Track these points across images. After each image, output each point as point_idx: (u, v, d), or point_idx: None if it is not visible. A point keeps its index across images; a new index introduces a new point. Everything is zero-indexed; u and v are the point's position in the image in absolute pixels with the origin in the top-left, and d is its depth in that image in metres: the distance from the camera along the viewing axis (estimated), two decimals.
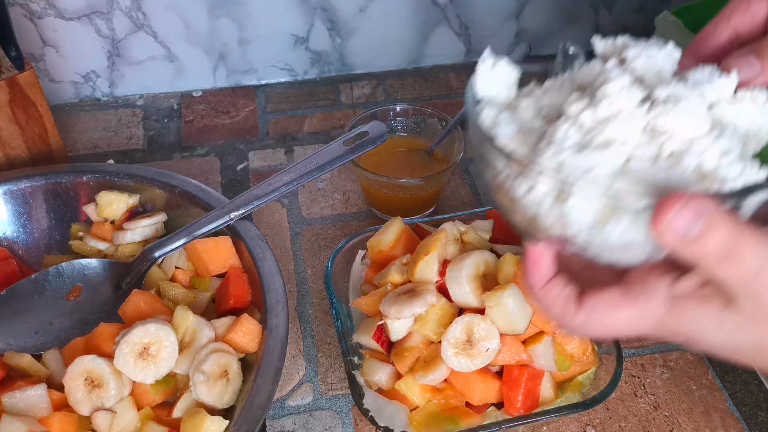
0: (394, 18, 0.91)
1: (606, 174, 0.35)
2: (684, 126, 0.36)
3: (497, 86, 0.45)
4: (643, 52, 0.40)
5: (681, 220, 0.32)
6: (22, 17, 0.82)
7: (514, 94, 0.44)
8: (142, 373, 0.51)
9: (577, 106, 0.37)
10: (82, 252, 0.65)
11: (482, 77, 0.44)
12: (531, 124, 0.40)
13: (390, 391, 0.55)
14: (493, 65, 0.45)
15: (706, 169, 0.36)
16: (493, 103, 0.43)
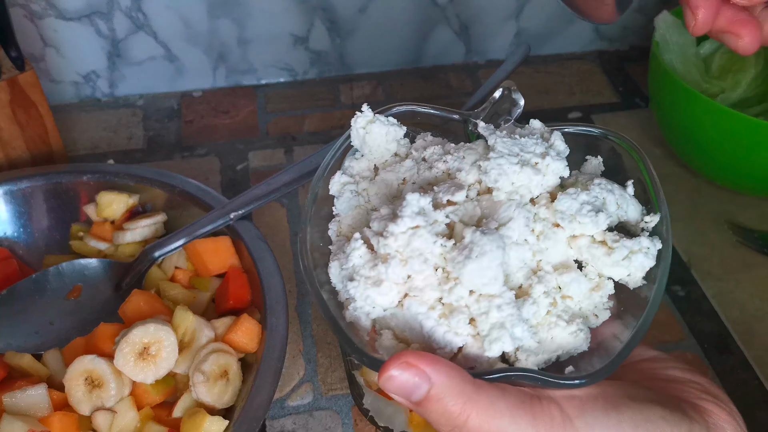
0: (394, 18, 0.92)
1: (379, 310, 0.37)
2: (473, 283, 0.35)
3: (370, 145, 0.45)
4: (495, 165, 0.39)
5: (400, 379, 0.33)
6: (22, 18, 0.82)
7: (389, 155, 0.45)
8: (142, 373, 0.51)
9: (377, 225, 0.38)
10: (82, 252, 0.65)
11: (355, 134, 0.45)
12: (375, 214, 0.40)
13: None
14: (365, 125, 0.45)
15: (481, 328, 0.35)
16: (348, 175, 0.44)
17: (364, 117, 0.45)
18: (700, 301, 0.68)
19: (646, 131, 0.87)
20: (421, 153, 0.44)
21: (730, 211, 0.76)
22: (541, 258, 0.39)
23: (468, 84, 0.95)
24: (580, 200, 0.39)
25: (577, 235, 0.39)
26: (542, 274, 0.38)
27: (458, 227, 0.38)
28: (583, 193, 0.39)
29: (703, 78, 0.78)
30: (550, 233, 0.39)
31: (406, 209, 0.37)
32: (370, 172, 0.45)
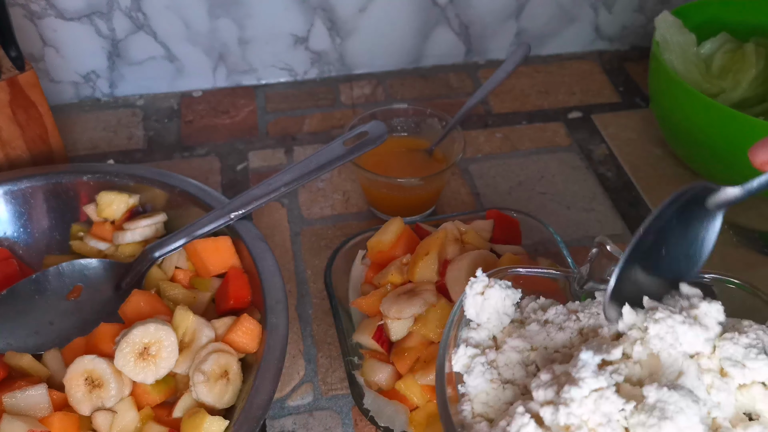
0: (394, 18, 0.92)
1: None
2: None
3: (488, 312, 0.42)
4: (667, 325, 0.36)
5: None
6: (22, 17, 0.82)
7: (507, 321, 0.42)
8: (142, 373, 0.51)
9: (541, 394, 0.35)
10: (82, 252, 0.65)
11: (471, 302, 0.42)
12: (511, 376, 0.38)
13: (390, 391, 0.55)
14: (482, 290, 0.42)
15: None
16: (474, 340, 0.42)
17: (480, 282, 0.42)
18: None
19: (646, 131, 0.87)
20: (540, 315, 0.42)
21: (729, 211, 0.76)
22: (716, 414, 0.36)
23: (468, 84, 0.95)
24: (743, 343, 0.37)
25: (748, 384, 0.36)
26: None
27: (625, 387, 0.35)
28: (742, 336, 0.37)
29: (703, 78, 0.78)
30: (720, 384, 0.36)
31: (584, 371, 0.34)
32: (491, 342, 0.42)
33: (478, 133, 0.88)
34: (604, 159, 0.84)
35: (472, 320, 0.43)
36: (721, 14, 0.82)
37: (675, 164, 0.82)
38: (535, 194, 0.79)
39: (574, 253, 0.72)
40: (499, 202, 0.78)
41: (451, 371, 0.41)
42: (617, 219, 0.76)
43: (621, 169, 0.83)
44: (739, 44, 0.80)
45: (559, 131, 0.88)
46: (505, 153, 0.85)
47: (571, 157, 0.84)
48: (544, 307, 0.43)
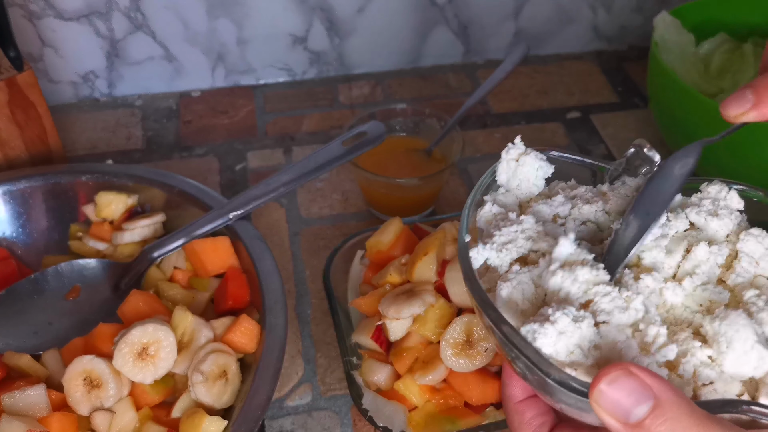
0: (393, 18, 0.92)
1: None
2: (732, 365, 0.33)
3: (519, 178, 0.43)
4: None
5: (617, 393, 0.27)
6: (21, 18, 0.82)
7: (536, 191, 0.43)
8: (141, 373, 0.51)
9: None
10: (81, 252, 0.65)
11: (505, 167, 0.43)
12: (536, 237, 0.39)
13: (389, 391, 0.55)
14: (517, 156, 0.43)
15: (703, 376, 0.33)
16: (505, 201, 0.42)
17: (516, 149, 0.43)
18: None
19: (645, 131, 0.87)
20: (569, 192, 0.43)
21: None
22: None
23: (467, 84, 0.95)
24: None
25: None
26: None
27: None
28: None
29: (702, 78, 0.78)
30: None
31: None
32: (517, 208, 0.43)
33: (477, 133, 0.88)
34: (603, 159, 0.84)
35: (502, 185, 0.43)
36: (720, 14, 0.82)
37: None
38: None
39: None
40: None
41: (474, 224, 0.41)
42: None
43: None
44: (737, 44, 0.80)
45: (557, 131, 0.88)
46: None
47: None
48: (573, 187, 0.44)
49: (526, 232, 0.39)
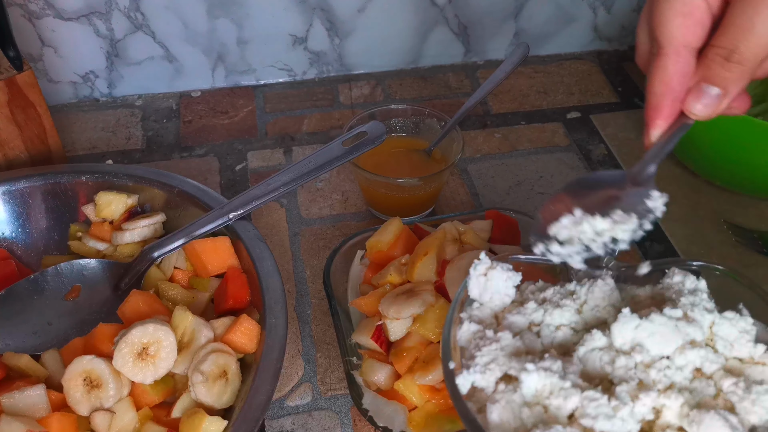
0: (393, 18, 0.92)
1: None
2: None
3: (490, 292, 0.45)
4: None
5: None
6: (20, 17, 0.82)
7: (508, 301, 0.45)
8: (141, 374, 0.51)
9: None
10: (80, 252, 0.65)
11: (475, 282, 0.45)
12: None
13: (389, 391, 0.55)
14: (485, 271, 0.45)
15: None
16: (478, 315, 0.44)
17: (483, 264, 0.45)
18: None
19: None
20: (538, 295, 0.45)
21: (728, 212, 0.76)
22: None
23: (467, 84, 0.95)
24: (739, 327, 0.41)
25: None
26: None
27: None
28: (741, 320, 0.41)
29: None
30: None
31: None
32: (493, 320, 0.45)
33: (477, 134, 0.88)
34: (603, 159, 0.84)
35: (476, 300, 0.45)
36: None
37: (673, 164, 0.82)
38: (533, 194, 0.79)
39: None
40: (498, 203, 0.78)
41: (456, 345, 0.43)
42: None
43: (620, 169, 0.83)
44: None
45: (557, 131, 0.88)
46: (503, 153, 0.85)
47: (570, 157, 0.84)
48: (542, 289, 0.46)
49: (506, 350, 0.41)
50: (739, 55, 0.37)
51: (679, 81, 0.40)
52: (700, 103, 0.40)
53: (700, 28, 0.39)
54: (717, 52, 0.38)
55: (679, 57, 0.39)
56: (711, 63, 0.39)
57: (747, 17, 0.36)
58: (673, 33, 0.39)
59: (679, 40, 0.39)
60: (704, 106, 0.40)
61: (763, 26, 0.35)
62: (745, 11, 0.36)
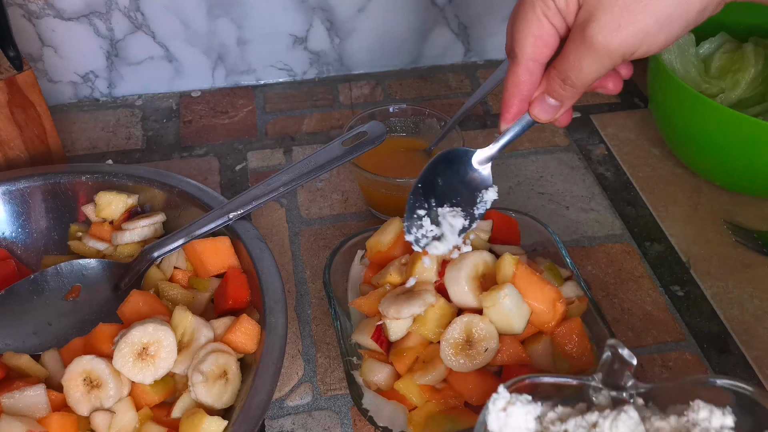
0: (393, 18, 0.91)
1: None
2: None
3: (511, 428, 0.44)
4: None
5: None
6: (20, 17, 0.82)
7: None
8: (141, 374, 0.51)
9: None
10: (80, 252, 0.65)
11: (494, 418, 0.44)
12: None
13: (389, 391, 0.55)
14: (505, 406, 0.44)
15: None
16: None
17: (502, 399, 0.44)
18: (699, 301, 0.68)
19: (645, 131, 0.87)
20: (560, 426, 0.44)
21: (729, 211, 0.76)
22: None
23: (467, 84, 0.95)
24: None
25: None
26: None
27: None
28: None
29: (702, 78, 0.78)
30: None
31: None
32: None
33: (477, 134, 0.88)
34: (603, 159, 0.84)
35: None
36: (720, 14, 0.81)
37: (673, 164, 0.82)
38: (533, 194, 0.79)
39: (573, 253, 0.72)
40: (498, 203, 0.78)
41: None
42: (616, 219, 0.76)
43: (620, 169, 0.83)
44: (737, 44, 0.80)
45: (557, 131, 0.88)
46: (503, 153, 0.85)
47: (570, 157, 0.84)
48: (563, 417, 0.45)
49: None
50: (571, 81, 0.46)
51: (527, 87, 0.49)
52: (542, 110, 0.49)
53: (547, 48, 0.47)
54: (557, 74, 0.47)
55: (528, 68, 0.48)
56: (552, 81, 0.47)
57: (576, 56, 0.44)
58: (525, 49, 0.47)
59: (529, 56, 0.47)
60: (545, 112, 0.49)
61: (587, 67, 0.44)
62: (574, 51, 0.44)
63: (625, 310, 0.67)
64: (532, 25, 0.46)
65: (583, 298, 0.58)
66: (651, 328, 0.65)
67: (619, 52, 0.43)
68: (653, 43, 0.43)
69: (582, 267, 0.71)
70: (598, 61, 0.44)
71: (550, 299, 0.54)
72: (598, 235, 0.74)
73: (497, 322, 0.53)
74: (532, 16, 0.46)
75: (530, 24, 0.46)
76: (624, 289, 0.69)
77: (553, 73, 0.47)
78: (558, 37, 0.46)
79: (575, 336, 0.55)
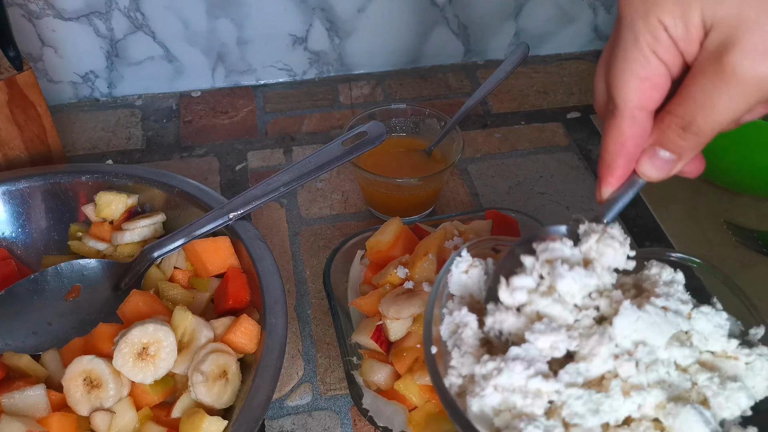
0: (393, 18, 0.92)
1: None
2: None
3: (471, 290, 0.46)
4: None
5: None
6: (20, 17, 0.82)
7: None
8: (141, 374, 0.51)
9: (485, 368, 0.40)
10: (80, 252, 0.65)
11: (456, 279, 0.46)
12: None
13: (389, 391, 0.55)
14: (467, 269, 0.46)
15: None
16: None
17: (465, 262, 0.46)
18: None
19: None
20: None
21: (729, 212, 0.76)
22: None
23: (467, 84, 0.95)
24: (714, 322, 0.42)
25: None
26: None
27: None
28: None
29: None
30: None
31: None
32: (472, 315, 0.45)
33: (477, 134, 0.88)
34: None
35: (455, 294, 0.46)
36: None
37: None
38: (533, 194, 0.79)
39: None
40: (498, 202, 0.78)
41: (438, 335, 0.44)
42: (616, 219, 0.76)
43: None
44: None
45: (557, 131, 0.88)
46: (503, 153, 0.85)
47: (570, 157, 0.84)
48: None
49: (478, 340, 0.42)
50: (696, 127, 0.37)
51: (634, 143, 0.40)
52: (653, 166, 0.40)
53: (657, 92, 0.38)
54: (674, 121, 0.38)
55: (635, 120, 0.39)
56: (667, 129, 0.39)
57: (707, 94, 0.36)
58: (629, 96, 0.39)
59: (635, 104, 0.39)
60: (657, 169, 0.40)
61: (723, 105, 0.35)
62: (704, 87, 0.36)
63: None
64: (636, 65, 0.38)
65: None
66: None
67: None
68: None
69: None
70: (741, 95, 0.35)
71: None
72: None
73: None
74: (636, 53, 0.38)
75: (634, 64, 0.38)
76: None
77: (668, 120, 0.38)
78: (670, 78, 0.38)
79: None
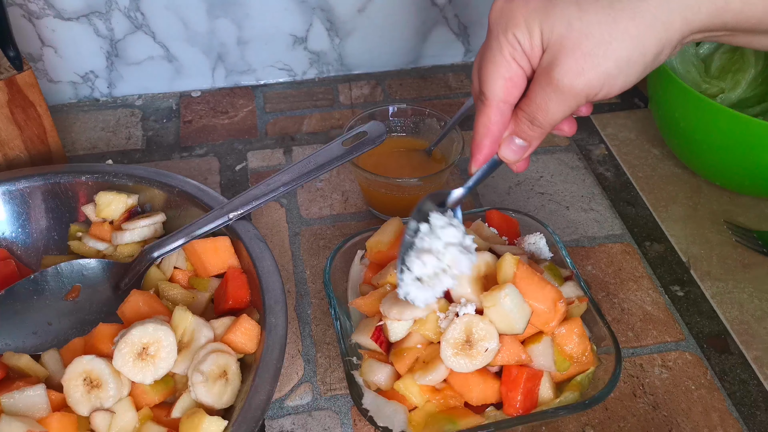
0: (393, 18, 0.92)
1: None
2: None
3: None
4: None
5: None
6: (20, 17, 0.82)
7: None
8: (141, 374, 0.51)
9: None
10: (80, 252, 0.65)
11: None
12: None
13: (389, 391, 0.55)
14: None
15: None
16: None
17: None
18: (699, 301, 0.68)
19: (645, 131, 0.87)
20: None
21: (728, 211, 0.76)
22: None
23: (467, 84, 0.95)
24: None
25: None
26: None
27: None
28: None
29: (702, 78, 0.78)
30: None
31: None
32: None
33: None
34: (603, 159, 0.84)
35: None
36: None
37: (673, 164, 0.82)
38: (534, 194, 0.79)
39: (573, 253, 0.72)
40: (498, 203, 0.78)
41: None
42: (616, 219, 0.76)
43: (620, 169, 0.83)
44: None
45: None
46: None
47: (570, 157, 0.84)
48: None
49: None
50: (538, 122, 0.48)
51: (497, 128, 0.50)
52: (511, 151, 0.51)
53: (516, 89, 0.48)
54: (524, 116, 0.49)
55: (499, 110, 0.49)
56: (519, 122, 0.49)
57: (542, 98, 0.46)
58: (496, 91, 0.48)
59: (500, 98, 0.48)
60: (513, 153, 0.51)
61: (553, 108, 0.47)
62: (540, 92, 0.46)
63: (625, 310, 0.67)
64: (501, 67, 0.47)
65: (583, 298, 0.58)
66: (651, 328, 0.65)
67: (583, 93, 0.45)
68: (613, 85, 0.45)
69: (582, 267, 0.71)
70: (564, 102, 0.46)
71: (551, 299, 0.54)
72: (598, 235, 0.74)
73: (498, 322, 0.53)
74: (500, 58, 0.47)
75: (499, 66, 0.47)
76: (624, 289, 0.69)
77: (520, 115, 0.49)
78: (526, 78, 0.48)
79: (575, 336, 0.55)
